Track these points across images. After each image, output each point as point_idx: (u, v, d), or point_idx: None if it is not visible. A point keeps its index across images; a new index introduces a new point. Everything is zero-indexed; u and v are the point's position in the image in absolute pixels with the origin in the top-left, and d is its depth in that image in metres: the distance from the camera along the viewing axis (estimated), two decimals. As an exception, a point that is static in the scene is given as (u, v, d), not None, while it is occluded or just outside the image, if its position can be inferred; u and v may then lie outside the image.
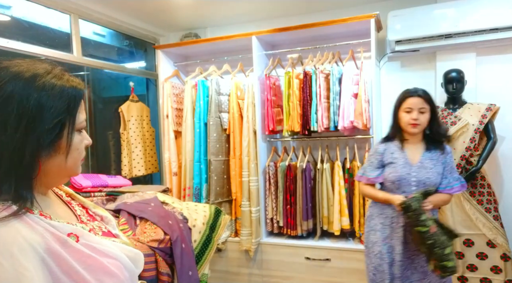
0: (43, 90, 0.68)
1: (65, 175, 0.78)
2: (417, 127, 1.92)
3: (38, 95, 0.68)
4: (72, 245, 0.70)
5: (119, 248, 0.81)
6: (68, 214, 0.83)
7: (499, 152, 2.85)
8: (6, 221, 0.63)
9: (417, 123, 1.91)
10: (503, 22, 2.59)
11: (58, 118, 0.70)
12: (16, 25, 2.62)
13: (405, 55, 3.08)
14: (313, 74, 2.87)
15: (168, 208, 2.09)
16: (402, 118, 1.97)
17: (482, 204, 2.56)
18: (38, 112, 0.67)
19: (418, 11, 2.79)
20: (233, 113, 3.11)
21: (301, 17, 3.21)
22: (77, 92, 0.75)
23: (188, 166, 3.20)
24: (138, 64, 3.93)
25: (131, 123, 3.34)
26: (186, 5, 3.07)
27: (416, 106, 1.92)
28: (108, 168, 3.52)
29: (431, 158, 1.95)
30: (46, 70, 0.72)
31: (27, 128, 0.66)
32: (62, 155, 0.73)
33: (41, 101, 0.68)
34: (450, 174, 1.98)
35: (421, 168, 1.93)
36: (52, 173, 0.74)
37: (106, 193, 2.29)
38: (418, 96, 1.93)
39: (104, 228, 0.88)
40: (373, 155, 2.08)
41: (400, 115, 1.98)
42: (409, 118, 1.92)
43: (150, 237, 1.79)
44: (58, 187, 0.90)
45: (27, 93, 0.67)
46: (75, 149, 0.75)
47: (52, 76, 0.71)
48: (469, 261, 2.57)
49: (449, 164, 1.98)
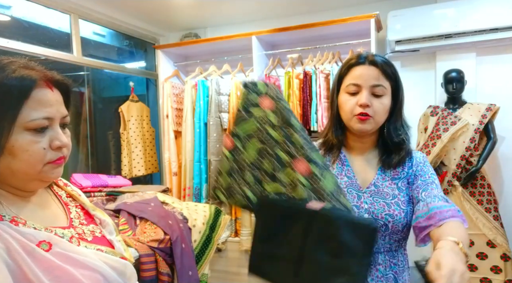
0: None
1: (27, 179, 0.70)
2: (369, 120, 1.05)
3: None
4: (41, 254, 0.65)
5: (103, 259, 0.75)
6: (58, 217, 0.78)
7: (499, 152, 2.85)
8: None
9: (368, 112, 1.04)
10: (503, 22, 2.59)
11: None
12: (16, 25, 2.62)
13: (405, 55, 3.08)
14: (313, 74, 2.87)
15: (168, 208, 2.09)
16: (343, 105, 1.09)
17: (482, 204, 2.56)
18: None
19: (418, 11, 2.79)
20: (233, 113, 3.11)
21: (301, 17, 3.21)
22: (22, 83, 0.65)
23: (188, 166, 3.20)
24: (138, 64, 3.93)
25: (131, 123, 3.34)
26: (186, 5, 3.07)
27: (367, 81, 1.05)
28: (108, 168, 3.52)
29: (394, 177, 1.11)
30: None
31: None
32: (7, 156, 0.66)
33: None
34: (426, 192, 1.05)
35: (374, 195, 1.09)
36: (7, 175, 0.68)
37: (106, 193, 2.29)
38: (370, 64, 1.06)
39: (99, 233, 0.83)
40: None
41: (340, 100, 1.11)
42: (354, 104, 1.06)
43: (150, 237, 1.79)
44: (59, 186, 0.86)
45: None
46: (23, 151, 0.66)
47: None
48: (469, 261, 2.56)
49: (420, 177, 1.09)
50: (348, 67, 1.09)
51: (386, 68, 1.08)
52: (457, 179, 2.59)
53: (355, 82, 1.06)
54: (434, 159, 2.59)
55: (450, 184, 2.60)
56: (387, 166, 1.10)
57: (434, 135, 2.63)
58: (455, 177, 2.59)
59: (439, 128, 2.61)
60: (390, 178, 1.10)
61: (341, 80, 1.11)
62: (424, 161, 1.13)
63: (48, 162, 0.70)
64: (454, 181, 2.59)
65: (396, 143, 1.09)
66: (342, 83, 1.10)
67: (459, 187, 2.58)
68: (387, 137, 1.11)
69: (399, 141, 1.09)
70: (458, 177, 2.60)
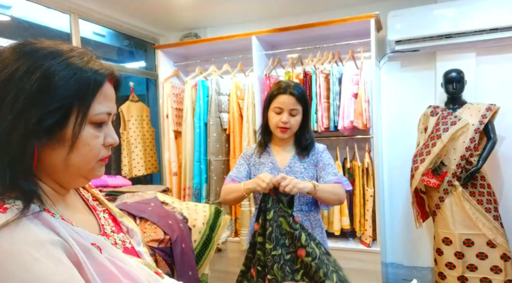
0: (51, 68, 0.59)
1: (77, 175, 0.66)
2: (287, 132, 1.63)
3: (43, 72, 0.58)
4: (95, 256, 0.61)
5: (143, 272, 0.70)
6: (90, 222, 0.73)
7: (499, 152, 2.85)
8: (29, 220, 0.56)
9: (287, 127, 1.62)
10: (503, 22, 2.59)
11: (61, 102, 0.59)
12: (16, 25, 2.62)
13: (405, 55, 3.08)
14: (313, 74, 2.87)
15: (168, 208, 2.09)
16: (271, 119, 1.65)
17: (482, 204, 2.56)
18: (40, 89, 0.57)
19: (418, 11, 2.79)
20: (233, 113, 3.11)
21: (301, 17, 3.21)
22: (96, 77, 0.63)
23: (188, 166, 3.20)
24: (138, 64, 3.93)
25: (131, 123, 3.34)
26: (186, 5, 3.07)
27: (287, 106, 1.60)
28: (108, 168, 3.52)
29: (302, 161, 1.68)
30: (71, 49, 0.63)
31: (22, 109, 0.56)
32: (62, 148, 0.61)
33: (44, 79, 0.58)
34: (324, 170, 1.67)
35: (289, 173, 1.63)
36: (58, 169, 0.63)
37: (106, 193, 2.29)
38: (290, 94, 1.60)
39: (128, 243, 0.77)
40: (242, 157, 1.79)
41: (269, 115, 1.66)
42: (278, 120, 1.61)
43: (150, 237, 1.79)
44: (85, 188, 0.80)
45: (33, 69, 0.58)
46: (84, 145, 0.63)
47: (70, 56, 0.62)
48: (469, 261, 2.57)
49: (321, 161, 1.69)
50: (276, 94, 1.63)
51: (300, 97, 1.62)
52: (457, 179, 2.59)
53: (279, 106, 1.61)
54: (434, 159, 2.59)
55: (450, 184, 2.60)
56: (298, 155, 1.69)
57: (434, 135, 2.63)
58: (455, 177, 2.59)
59: (439, 128, 2.61)
60: (299, 162, 1.68)
61: (270, 101, 1.65)
62: (323, 150, 1.73)
63: (100, 159, 0.68)
64: (454, 181, 2.59)
65: (305, 144, 1.69)
66: (271, 104, 1.65)
67: (459, 187, 2.58)
68: (299, 140, 1.70)
69: (307, 143, 1.70)
70: (458, 177, 2.60)
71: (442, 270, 2.65)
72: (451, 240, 2.59)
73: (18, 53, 0.60)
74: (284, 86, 1.62)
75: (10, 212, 0.55)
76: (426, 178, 2.64)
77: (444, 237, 2.62)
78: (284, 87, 1.62)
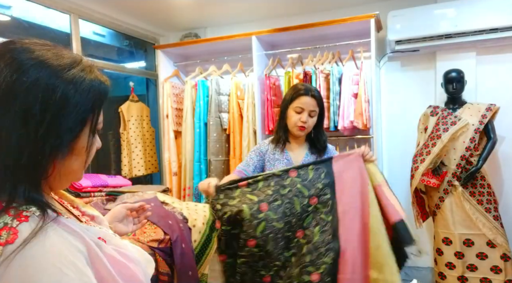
0: (71, 83, 0.60)
1: (71, 179, 0.69)
2: (304, 130, 1.73)
3: (65, 88, 0.59)
4: (105, 250, 0.63)
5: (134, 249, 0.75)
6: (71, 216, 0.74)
7: (499, 152, 2.85)
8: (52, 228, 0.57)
9: (305, 126, 1.71)
10: (503, 22, 2.59)
11: (82, 116, 0.62)
12: (16, 25, 2.62)
13: (405, 55, 3.08)
14: (313, 74, 2.87)
15: (168, 208, 2.09)
16: (290, 117, 1.74)
17: (482, 204, 2.56)
18: (63, 106, 0.59)
19: (418, 11, 2.79)
20: (233, 113, 3.11)
21: (301, 17, 3.21)
22: (104, 89, 0.66)
23: (188, 166, 3.20)
24: (138, 64, 3.93)
25: (131, 123, 3.34)
26: (186, 5, 3.07)
27: (308, 107, 1.70)
28: (108, 168, 3.52)
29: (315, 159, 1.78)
30: (75, 60, 0.64)
31: (50, 124, 0.57)
32: (76, 157, 0.64)
33: (68, 94, 0.59)
34: None
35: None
36: (62, 176, 0.65)
37: (106, 193, 2.29)
38: (312, 97, 1.71)
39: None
40: (254, 151, 1.84)
41: (288, 113, 1.74)
42: (298, 119, 1.70)
43: (150, 237, 1.79)
44: None
45: (54, 84, 0.58)
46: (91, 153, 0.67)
47: (82, 69, 0.64)
48: (469, 261, 2.57)
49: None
50: (298, 95, 1.72)
51: (319, 100, 1.74)
52: (457, 179, 2.59)
53: (301, 106, 1.70)
54: (434, 159, 2.59)
55: (450, 184, 2.60)
56: (312, 153, 1.79)
57: (434, 135, 2.63)
58: (455, 177, 2.59)
59: (439, 128, 2.61)
60: (312, 160, 1.75)
61: (292, 101, 1.73)
62: (332, 149, 1.85)
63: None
64: (454, 181, 2.59)
65: (323, 145, 1.80)
66: (292, 103, 1.72)
67: (459, 187, 2.58)
68: (315, 139, 1.80)
69: (325, 145, 1.81)
70: (458, 177, 2.60)
71: (442, 270, 2.65)
72: (451, 240, 2.59)
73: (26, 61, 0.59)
74: (306, 88, 1.73)
75: (32, 220, 0.56)
76: (426, 178, 2.64)
77: (444, 237, 2.62)
78: (306, 89, 1.72)
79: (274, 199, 1.43)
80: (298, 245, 1.38)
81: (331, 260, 1.32)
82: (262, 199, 1.43)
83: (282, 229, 1.39)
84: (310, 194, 1.43)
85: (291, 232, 1.41)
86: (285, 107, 1.76)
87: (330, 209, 1.40)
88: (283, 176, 1.49)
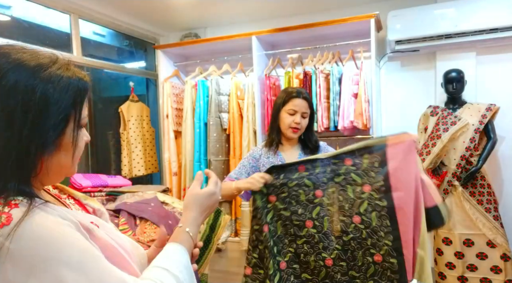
0: (49, 82, 0.63)
1: (63, 174, 0.72)
2: (298, 132, 1.77)
3: (44, 87, 0.62)
4: (96, 234, 0.67)
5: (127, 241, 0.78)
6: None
7: (499, 152, 2.85)
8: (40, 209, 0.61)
9: (299, 127, 1.75)
10: (503, 22, 2.59)
11: (64, 113, 0.65)
12: (16, 25, 2.62)
13: (405, 55, 3.08)
14: (313, 74, 2.87)
15: (168, 208, 2.09)
16: (283, 120, 1.77)
17: (482, 204, 2.56)
18: (44, 106, 0.62)
19: (418, 11, 2.79)
20: (233, 113, 3.11)
21: (301, 17, 3.21)
22: (83, 85, 0.69)
23: (188, 166, 3.20)
24: (138, 64, 3.93)
25: (131, 123, 3.34)
26: (186, 5, 3.07)
27: (300, 109, 1.75)
28: (108, 168, 3.52)
29: None
30: (51, 59, 0.66)
31: (33, 123, 0.61)
32: (65, 152, 0.67)
33: (47, 94, 0.62)
34: None
35: None
36: (52, 172, 0.68)
37: (106, 193, 2.29)
38: (303, 99, 1.77)
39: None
40: (247, 158, 1.86)
41: (281, 116, 1.78)
42: (291, 121, 1.75)
43: (150, 237, 1.79)
44: None
45: (32, 84, 0.61)
46: (76, 147, 0.70)
47: (58, 67, 0.66)
48: (469, 261, 2.57)
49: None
50: (291, 98, 1.77)
51: (310, 102, 1.80)
52: (457, 179, 2.59)
53: (294, 108, 1.75)
54: (434, 159, 2.59)
55: (450, 184, 2.60)
56: (305, 154, 1.80)
57: (434, 135, 2.63)
58: (455, 177, 2.59)
59: (439, 128, 2.61)
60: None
61: (284, 104, 1.77)
62: (325, 146, 1.87)
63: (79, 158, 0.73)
64: (454, 181, 2.59)
65: (314, 145, 1.83)
66: (285, 106, 1.77)
67: (459, 187, 2.58)
68: (308, 141, 1.84)
69: (316, 145, 1.83)
70: (458, 177, 2.60)
71: (442, 270, 2.65)
72: (451, 240, 2.59)
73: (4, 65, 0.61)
74: (297, 91, 1.79)
75: (22, 205, 0.60)
76: (426, 178, 2.64)
77: (444, 237, 2.62)
78: (298, 92, 1.78)
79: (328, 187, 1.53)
80: (357, 230, 1.46)
81: (391, 242, 1.43)
82: (317, 186, 1.53)
83: (289, 217, 1.51)
84: (363, 182, 1.51)
85: (299, 222, 1.51)
86: (277, 110, 1.80)
87: (384, 195, 1.49)
88: (340, 165, 1.54)
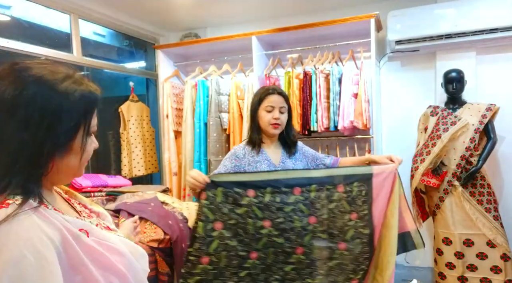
0: (63, 94, 0.72)
1: (71, 175, 0.81)
2: (278, 127, 1.76)
3: (59, 98, 0.72)
4: (84, 241, 0.72)
5: (124, 244, 0.82)
6: (71, 211, 0.85)
7: (499, 152, 2.85)
8: (26, 215, 0.66)
9: (279, 123, 1.75)
10: (503, 22, 2.59)
11: (75, 121, 0.74)
12: (16, 25, 2.62)
13: (405, 55, 3.08)
14: (313, 74, 2.87)
15: (168, 208, 2.09)
16: (262, 118, 1.77)
17: (482, 204, 2.56)
18: (58, 114, 0.71)
19: (418, 11, 2.79)
20: (233, 113, 3.11)
21: (301, 17, 3.21)
22: (94, 98, 0.78)
23: (188, 166, 3.20)
24: (138, 64, 3.93)
25: (131, 123, 3.34)
26: (186, 5, 3.07)
27: (277, 104, 1.75)
28: (108, 168, 3.52)
29: (290, 157, 1.83)
30: (67, 74, 0.76)
31: (47, 128, 0.70)
32: (74, 156, 0.77)
33: (61, 104, 0.72)
34: (318, 157, 1.87)
35: (283, 168, 1.78)
36: (61, 172, 0.77)
37: (106, 193, 2.29)
38: (278, 94, 1.77)
39: (103, 224, 0.90)
40: (229, 158, 1.81)
41: (260, 114, 1.78)
42: (271, 118, 1.75)
43: (150, 237, 1.79)
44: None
45: (49, 96, 0.71)
46: (85, 151, 0.79)
47: (73, 81, 0.75)
48: (469, 261, 2.57)
49: (307, 153, 1.88)
50: (266, 95, 1.77)
51: (286, 97, 1.80)
52: (457, 179, 2.59)
53: (271, 104, 1.75)
54: (434, 159, 2.59)
55: (450, 184, 2.60)
56: (287, 151, 1.84)
57: (434, 135, 2.63)
58: (455, 177, 2.59)
59: (439, 128, 2.61)
60: (289, 158, 1.83)
61: (260, 102, 1.77)
62: (302, 145, 1.91)
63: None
64: (454, 181, 2.59)
65: (293, 140, 1.84)
66: (262, 104, 1.77)
67: (459, 187, 2.58)
68: (287, 137, 1.83)
69: (295, 140, 1.85)
70: (458, 177, 2.60)
71: (442, 270, 2.65)
72: (451, 240, 2.59)
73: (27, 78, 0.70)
74: (271, 87, 1.82)
75: (11, 207, 0.66)
76: (426, 178, 2.64)
77: (444, 237, 2.62)
78: (272, 88, 1.81)
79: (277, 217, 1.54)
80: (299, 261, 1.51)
81: (366, 267, 1.55)
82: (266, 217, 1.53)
83: (282, 244, 1.52)
84: (350, 210, 1.58)
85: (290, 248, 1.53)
86: (255, 110, 1.80)
87: (367, 223, 1.58)
88: (288, 194, 1.56)
